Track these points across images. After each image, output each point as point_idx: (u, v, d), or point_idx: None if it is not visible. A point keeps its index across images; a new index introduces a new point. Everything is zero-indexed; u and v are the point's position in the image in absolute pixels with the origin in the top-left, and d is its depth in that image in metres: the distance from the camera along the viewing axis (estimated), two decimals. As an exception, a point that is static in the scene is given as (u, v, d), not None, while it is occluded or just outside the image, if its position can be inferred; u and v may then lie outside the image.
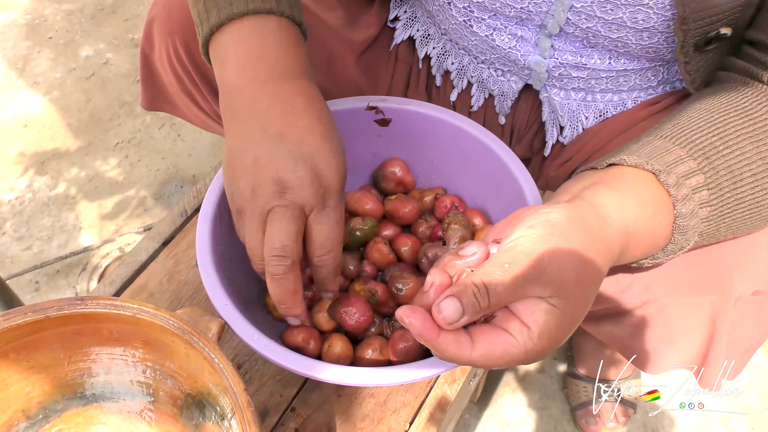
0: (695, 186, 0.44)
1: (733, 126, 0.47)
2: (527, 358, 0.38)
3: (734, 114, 0.48)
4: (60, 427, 0.52)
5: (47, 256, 1.24)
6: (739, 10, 0.51)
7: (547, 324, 0.37)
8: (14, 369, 0.50)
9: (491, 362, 0.38)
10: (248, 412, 0.44)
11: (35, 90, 1.54)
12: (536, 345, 0.37)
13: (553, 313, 0.37)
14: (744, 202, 0.46)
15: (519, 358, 0.38)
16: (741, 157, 0.45)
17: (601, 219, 0.40)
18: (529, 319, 0.38)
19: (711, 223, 0.45)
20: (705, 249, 0.53)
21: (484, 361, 0.38)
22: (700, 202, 0.44)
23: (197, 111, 0.80)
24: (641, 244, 0.43)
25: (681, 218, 0.44)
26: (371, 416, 0.59)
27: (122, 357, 0.52)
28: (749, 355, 0.60)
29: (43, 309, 0.48)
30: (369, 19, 0.76)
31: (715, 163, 0.45)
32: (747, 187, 0.46)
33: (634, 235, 0.42)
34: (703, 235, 0.46)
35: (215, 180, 0.59)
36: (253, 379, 0.61)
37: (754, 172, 0.46)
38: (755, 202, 0.46)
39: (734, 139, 0.46)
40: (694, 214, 0.44)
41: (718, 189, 0.45)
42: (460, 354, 0.38)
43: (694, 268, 0.54)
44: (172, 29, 0.69)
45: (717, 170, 0.45)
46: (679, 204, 0.43)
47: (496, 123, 0.76)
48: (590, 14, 0.56)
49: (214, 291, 0.52)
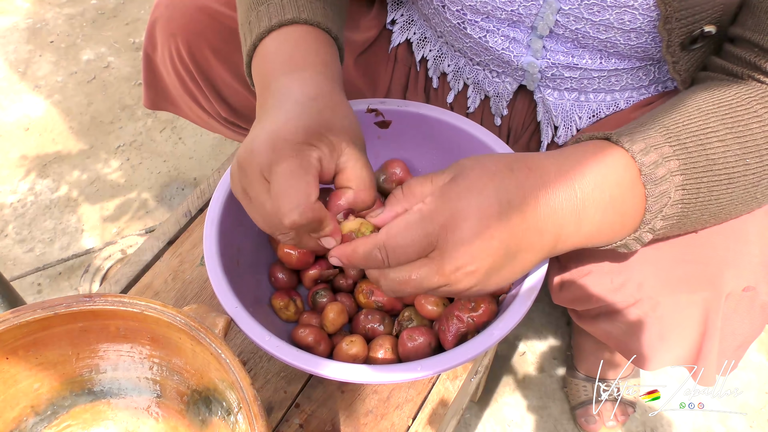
0: (654, 144, 0.45)
1: (696, 105, 0.48)
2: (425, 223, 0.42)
3: (699, 98, 0.49)
4: (68, 422, 0.53)
5: (49, 258, 1.24)
6: (722, 9, 0.52)
7: (441, 191, 0.43)
8: (23, 365, 0.51)
9: (392, 231, 0.42)
10: (255, 406, 0.45)
11: (37, 93, 1.55)
12: (428, 206, 0.42)
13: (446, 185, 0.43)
14: (718, 164, 0.46)
15: (416, 223, 0.42)
16: (704, 125, 0.47)
17: (525, 154, 0.46)
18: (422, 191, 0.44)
19: (687, 177, 0.45)
20: (696, 246, 0.54)
21: (386, 235, 0.43)
22: (664, 155, 0.45)
23: (199, 111, 0.81)
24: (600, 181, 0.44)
25: (645, 167, 0.44)
26: (374, 412, 0.60)
27: (129, 354, 0.53)
28: (742, 350, 0.61)
29: (52, 306, 0.49)
30: (368, 21, 0.77)
31: (673, 129, 0.46)
32: (716, 149, 0.46)
33: (579, 165, 0.45)
34: (684, 192, 0.46)
35: (220, 183, 0.60)
36: (257, 375, 0.62)
37: (721, 138, 0.46)
38: (729, 165, 0.47)
39: (695, 113, 0.48)
40: (660, 165, 0.45)
41: (681, 146, 0.45)
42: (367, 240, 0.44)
43: (685, 265, 0.55)
44: (175, 31, 0.70)
45: (677, 135, 0.46)
46: (638, 155, 0.45)
47: (492, 124, 0.77)
48: (578, 16, 0.57)
49: (224, 294, 0.53)
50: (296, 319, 0.63)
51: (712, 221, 0.50)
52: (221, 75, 0.73)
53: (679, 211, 0.46)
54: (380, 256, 0.43)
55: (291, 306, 0.62)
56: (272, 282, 0.65)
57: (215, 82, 0.74)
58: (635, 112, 0.67)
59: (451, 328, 0.56)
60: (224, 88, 0.74)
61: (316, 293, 0.64)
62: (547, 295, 0.74)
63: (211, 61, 0.71)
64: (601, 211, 0.45)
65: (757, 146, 0.47)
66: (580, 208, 0.44)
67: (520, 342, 1.15)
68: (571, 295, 0.63)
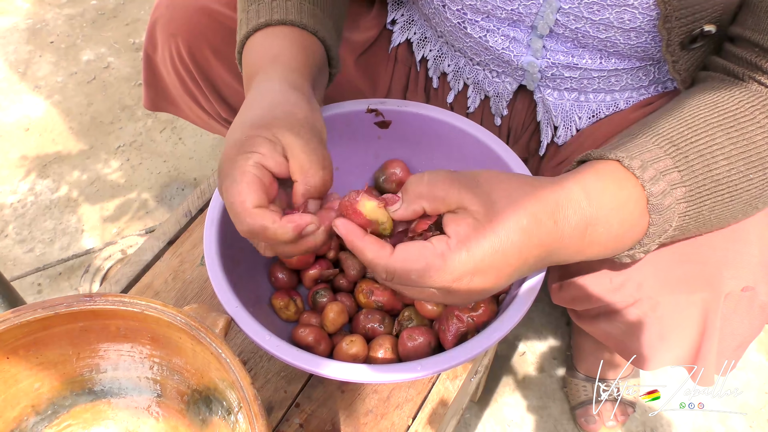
0: (663, 169, 0.45)
1: (702, 117, 0.48)
2: (444, 264, 0.40)
3: (704, 107, 0.49)
4: (68, 422, 0.53)
5: (49, 258, 1.24)
6: (722, 8, 0.52)
7: (467, 234, 0.40)
8: (24, 365, 0.51)
9: (408, 265, 0.41)
10: (255, 405, 0.45)
11: (37, 94, 1.55)
12: (452, 250, 0.40)
13: (475, 227, 0.40)
14: (722, 184, 0.47)
15: (435, 264, 0.40)
16: (710, 141, 0.47)
17: (551, 180, 0.45)
18: (451, 230, 0.41)
19: (691, 204, 0.46)
20: (695, 246, 0.54)
21: (401, 264, 0.41)
22: (672, 183, 0.45)
23: (199, 111, 0.81)
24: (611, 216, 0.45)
25: (653, 197, 0.45)
26: (374, 411, 0.60)
27: (130, 353, 0.53)
28: (741, 350, 0.61)
29: (52, 306, 0.49)
30: (368, 21, 0.77)
31: (683, 148, 0.46)
32: (722, 169, 0.46)
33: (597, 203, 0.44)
34: (686, 217, 0.47)
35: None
36: (257, 375, 0.62)
37: (726, 156, 0.47)
38: (732, 183, 0.47)
39: (701, 126, 0.47)
40: (667, 194, 0.45)
41: (689, 170, 0.46)
42: (379, 255, 0.41)
43: (684, 265, 0.55)
44: (175, 31, 0.70)
45: (686, 154, 0.46)
46: (648, 184, 0.45)
47: (492, 124, 0.77)
48: (578, 15, 0.57)
49: (224, 294, 0.53)
50: (296, 319, 0.63)
51: (709, 231, 0.52)
52: (221, 75, 0.73)
53: (677, 233, 0.48)
54: (385, 276, 0.42)
55: (291, 306, 0.62)
56: (272, 282, 0.65)
57: (215, 82, 0.74)
58: (635, 112, 0.67)
59: (451, 328, 0.56)
60: (224, 88, 0.74)
61: (316, 293, 0.64)
62: (546, 295, 0.74)
63: (211, 61, 0.71)
64: (602, 246, 0.46)
65: (761, 159, 0.47)
66: (585, 247, 0.46)
67: (520, 342, 1.15)
68: (571, 295, 0.64)
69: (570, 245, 0.44)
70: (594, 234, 0.44)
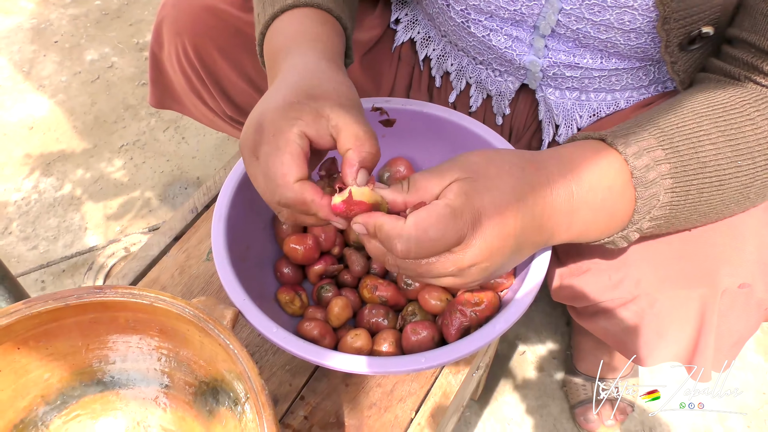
0: (647, 147, 0.47)
1: (690, 107, 0.49)
2: (455, 215, 0.42)
3: (695, 100, 0.50)
4: (78, 412, 0.54)
5: (53, 255, 1.25)
6: (719, 10, 0.53)
7: (462, 188, 0.43)
8: (34, 356, 0.52)
9: (422, 224, 0.42)
10: (263, 395, 0.46)
11: (41, 93, 1.56)
12: (455, 200, 0.42)
13: (466, 181, 0.43)
14: (708, 167, 0.47)
15: (444, 214, 0.42)
16: (697, 128, 0.48)
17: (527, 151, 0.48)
18: (449, 192, 0.44)
19: (677, 180, 0.47)
20: (692, 243, 0.55)
21: (416, 227, 0.42)
22: (656, 159, 0.46)
23: (204, 110, 0.82)
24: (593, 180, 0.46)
25: (637, 170, 0.46)
26: (378, 405, 0.61)
27: (138, 345, 0.54)
28: (738, 348, 0.62)
29: (63, 297, 0.50)
30: (372, 20, 0.78)
31: (668, 132, 0.48)
32: (708, 152, 0.47)
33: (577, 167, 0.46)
34: (674, 194, 0.47)
35: (227, 181, 0.61)
36: (263, 368, 0.63)
37: (713, 142, 0.48)
38: (720, 168, 0.48)
39: (689, 115, 0.49)
40: (651, 168, 0.46)
41: (673, 149, 0.47)
42: (395, 225, 0.43)
43: (682, 262, 0.56)
44: (181, 30, 0.71)
45: (671, 137, 0.47)
46: (630, 158, 0.46)
47: (494, 123, 0.78)
48: (579, 16, 0.59)
49: (232, 287, 0.54)
50: (301, 314, 0.64)
51: (703, 220, 0.52)
52: (227, 73, 0.74)
53: (667, 212, 0.48)
54: (401, 246, 0.42)
55: (296, 300, 0.63)
56: (278, 277, 0.66)
57: (221, 80, 0.75)
58: (635, 112, 0.68)
59: (455, 322, 0.57)
60: (230, 86, 0.75)
61: (321, 288, 0.65)
62: (547, 294, 0.75)
63: (216, 59, 0.72)
64: (592, 212, 0.47)
65: (749, 149, 0.48)
66: (575, 208, 0.46)
67: (519, 341, 1.15)
68: (570, 293, 0.65)
69: (558, 196, 0.45)
70: (580, 192, 0.46)
